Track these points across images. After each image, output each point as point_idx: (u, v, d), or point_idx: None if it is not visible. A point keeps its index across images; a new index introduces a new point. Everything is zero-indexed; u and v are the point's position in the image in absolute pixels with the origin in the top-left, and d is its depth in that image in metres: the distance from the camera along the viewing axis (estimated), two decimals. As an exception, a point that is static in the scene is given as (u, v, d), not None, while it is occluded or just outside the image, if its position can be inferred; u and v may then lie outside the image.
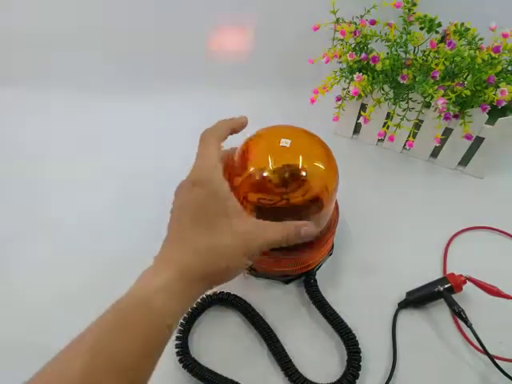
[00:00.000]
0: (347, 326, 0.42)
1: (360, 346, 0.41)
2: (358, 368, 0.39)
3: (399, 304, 0.45)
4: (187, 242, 0.30)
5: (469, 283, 0.43)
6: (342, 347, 0.42)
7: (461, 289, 0.43)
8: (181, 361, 0.41)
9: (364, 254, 0.51)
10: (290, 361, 0.41)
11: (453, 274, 0.44)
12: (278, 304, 0.47)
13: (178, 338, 0.43)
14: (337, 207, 0.48)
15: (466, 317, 0.40)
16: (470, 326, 0.40)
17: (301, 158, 0.39)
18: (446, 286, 0.43)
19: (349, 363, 0.40)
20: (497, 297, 0.42)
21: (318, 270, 0.49)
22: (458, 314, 0.41)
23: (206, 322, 0.46)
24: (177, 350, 0.42)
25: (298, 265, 0.45)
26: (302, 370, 0.41)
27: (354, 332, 0.42)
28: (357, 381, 0.39)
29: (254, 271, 0.49)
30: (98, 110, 0.72)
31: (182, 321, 0.44)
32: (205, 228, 0.30)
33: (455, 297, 0.43)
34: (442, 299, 0.43)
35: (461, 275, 0.44)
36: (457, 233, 0.52)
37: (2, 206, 0.59)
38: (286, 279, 0.48)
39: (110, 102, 0.72)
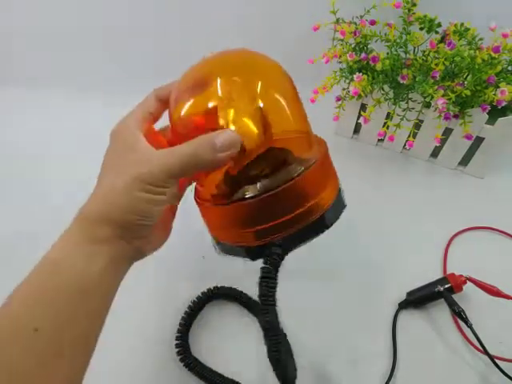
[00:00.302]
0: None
1: (360, 346, 0.41)
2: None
3: (399, 304, 0.45)
4: (95, 191, 0.29)
5: (469, 283, 0.43)
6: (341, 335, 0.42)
7: (461, 289, 0.43)
8: (182, 360, 0.41)
9: (364, 253, 0.51)
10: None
11: (453, 274, 0.44)
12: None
13: (177, 338, 0.43)
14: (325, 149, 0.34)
15: (466, 317, 0.40)
16: (470, 326, 0.40)
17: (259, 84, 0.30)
18: (446, 286, 0.43)
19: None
20: (497, 297, 0.42)
21: (300, 242, 0.31)
22: (458, 314, 0.41)
23: (206, 319, 0.46)
24: (177, 349, 0.42)
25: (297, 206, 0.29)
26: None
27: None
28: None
29: (218, 244, 0.35)
30: (98, 110, 0.72)
31: (181, 321, 0.44)
32: (111, 171, 0.29)
33: (455, 297, 0.43)
34: (442, 299, 0.43)
35: (461, 275, 0.44)
36: (457, 233, 0.52)
37: (2, 206, 0.59)
38: (250, 252, 0.32)
39: (110, 102, 0.71)
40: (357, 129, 0.66)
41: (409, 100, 0.54)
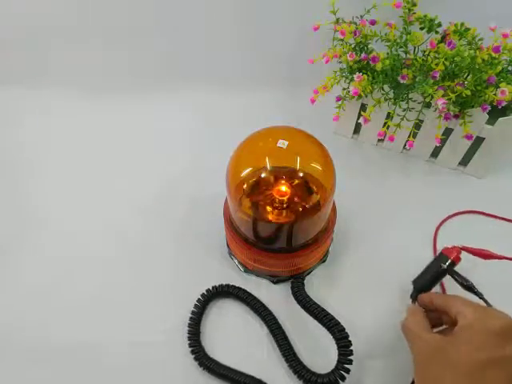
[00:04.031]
0: (332, 316, 0.41)
1: (361, 344, 0.41)
2: (349, 353, 0.39)
3: (411, 296, 0.43)
4: None
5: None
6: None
7: (459, 259, 0.41)
8: (196, 358, 0.42)
9: (363, 253, 0.51)
10: (294, 352, 0.42)
11: (447, 248, 0.42)
12: (279, 298, 0.47)
13: (189, 338, 0.43)
14: (334, 210, 0.47)
15: (477, 289, 0.39)
16: (482, 298, 0.38)
17: (298, 158, 0.39)
18: (448, 262, 0.41)
19: (339, 351, 0.40)
20: (490, 259, 0.41)
21: (308, 274, 0.49)
22: (469, 287, 0.39)
23: (209, 318, 0.46)
24: (191, 348, 0.43)
25: (288, 267, 0.45)
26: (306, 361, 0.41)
27: (341, 323, 0.41)
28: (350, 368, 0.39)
29: (244, 266, 0.48)
30: (98, 111, 0.72)
31: (189, 321, 0.44)
32: None
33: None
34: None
35: (454, 246, 0.42)
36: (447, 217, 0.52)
37: (1, 207, 0.59)
38: (275, 279, 0.48)
39: (110, 102, 0.72)
40: (357, 129, 0.66)
41: (409, 100, 0.54)
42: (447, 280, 0.42)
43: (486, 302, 0.38)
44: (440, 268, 0.41)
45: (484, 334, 0.30)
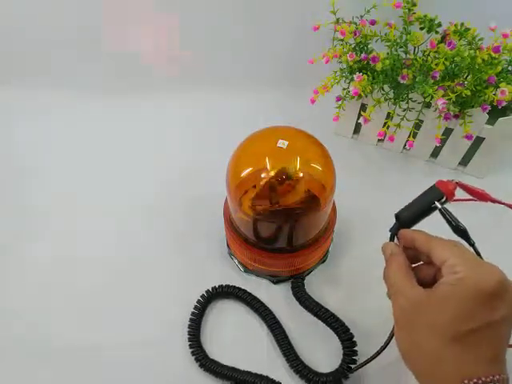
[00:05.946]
0: (337, 317, 0.42)
1: (361, 344, 0.41)
2: (353, 353, 0.40)
3: (391, 230, 0.40)
4: None
5: None
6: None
7: (454, 196, 0.35)
8: (197, 359, 0.42)
9: (364, 253, 0.51)
10: (295, 352, 0.42)
11: (442, 182, 0.37)
12: (279, 298, 0.47)
13: (190, 339, 0.43)
14: (334, 210, 0.47)
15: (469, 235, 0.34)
16: (472, 245, 0.34)
17: (298, 158, 0.39)
18: (442, 199, 0.35)
19: (344, 352, 0.41)
20: (485, 201, 0.37)
21: (307, 274, 0.49)
22: (462, 232, 0.34)
23: (210, 318, 0.46)
24: (191, 349, 0.42)
25: (288, 267, 0.45)
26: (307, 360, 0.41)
27: (346, 324, 0.42)
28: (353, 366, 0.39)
29: (244, 266, 0.49)
30: (98, 111, 0.72)
31: (189, 322, 0.44)
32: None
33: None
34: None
35: (449, 181, 0.36)
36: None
37: (2, 204, 0.59)
38: (275, 279, 0.48)
39: (110, 102, 0.72)
40: (357, 129, 0.66)
41: (409, 100, 0.54)
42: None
43: (476, 251, 0.34)
44: (432, 205, 0.35)
45: (475, 298, 0.27)
